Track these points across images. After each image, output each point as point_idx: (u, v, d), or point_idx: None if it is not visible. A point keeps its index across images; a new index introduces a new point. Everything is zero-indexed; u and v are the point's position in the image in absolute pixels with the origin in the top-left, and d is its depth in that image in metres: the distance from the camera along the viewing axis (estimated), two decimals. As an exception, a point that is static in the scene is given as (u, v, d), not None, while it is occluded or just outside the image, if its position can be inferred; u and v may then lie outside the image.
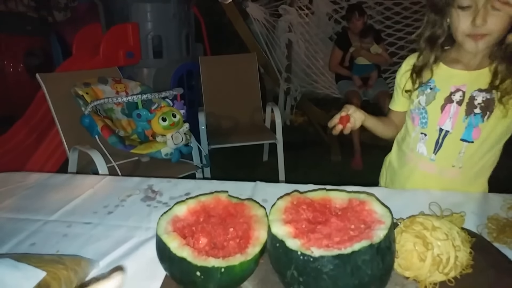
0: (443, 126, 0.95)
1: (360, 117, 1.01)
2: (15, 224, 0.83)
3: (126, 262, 0.69)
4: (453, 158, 0.95)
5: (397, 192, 0.93)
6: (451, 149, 0.95)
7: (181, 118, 1.80)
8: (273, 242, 0.57)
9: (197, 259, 0.55)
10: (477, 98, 0.89)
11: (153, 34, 3.01)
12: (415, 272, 0.59)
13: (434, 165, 0.98)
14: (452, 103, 0.93)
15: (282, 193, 0.69)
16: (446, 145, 0.95)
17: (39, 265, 0.56)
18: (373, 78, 3.14)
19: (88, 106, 1.74)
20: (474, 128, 0.91)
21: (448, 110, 0.94)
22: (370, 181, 0.96)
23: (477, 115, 0.90)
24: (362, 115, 1.02)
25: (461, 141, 0.93)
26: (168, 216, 0.64)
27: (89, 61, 2.85)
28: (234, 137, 2.64)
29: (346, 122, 0.99)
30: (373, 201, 0.62)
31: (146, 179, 1.04)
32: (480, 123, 0.90)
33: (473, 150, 0.93)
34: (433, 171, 0.98)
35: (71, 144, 1.83)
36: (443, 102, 0.94)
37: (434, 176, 0.99)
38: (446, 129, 0.94)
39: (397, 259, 0.60)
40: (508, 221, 0.75)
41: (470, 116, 0.91)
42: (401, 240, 0.61)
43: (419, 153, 1.00)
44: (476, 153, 0.93)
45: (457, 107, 0.93)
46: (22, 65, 4.41)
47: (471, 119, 0.91)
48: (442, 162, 0.97)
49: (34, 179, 1.07)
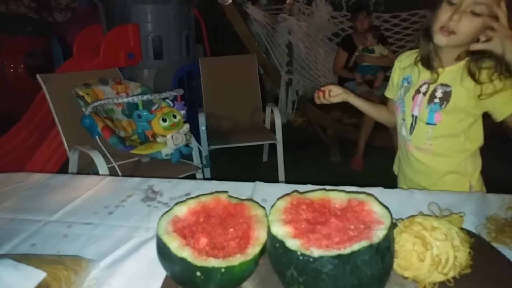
0: (413, 112, 1.12)
1: (337, 92, 1.19)
2: (16, 224, 0.83)
3: (126, 262, 0.69)
4: (423, 137, 1.11)
5: (396, 192, 0.93)
6: (420, 130, 1.11)
7: (181, 118, 1.80)
8: (273, 242, 0.57)
9: (197, 259, 0.55)
10: (437, 90, 1.06)
11: (153, 35, 3.02)
12: (414, 272, 0.59)
13: (411, 144, 1.15)
14: (419, 94, 1.10)
15: (282, 193, 0.69)
16: (417, 127, 1.12)
17: (40, 266, 0.56)
18: (379, 78, 3.11)
19: (89, 106, 1.75)
20: (435, 113, 1.07)
21: (416, 99, 1.11)
22: (369, 181, 0.96)
23: (436, 104, 1.06)
24: (342, 91, 1.20)
25: (426, 124, 1.09)
26: (169, 216, 0.64)
27: (90, 62, 2.86)
28: (234, 138, 2.64)
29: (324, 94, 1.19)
30: (372, 201, 0.62)
31: (146, 180, 1.05)
32: (439, 109, 1.06)
33: (437, 130, 1.08)
34: (412, 149, 1.16)
35: (71, 144, 1.83)
36: (414, 93, 1.12)
37: (414, 154, 1.15)
38: (415, 114, 1.12)
39: (396, 259, 0.60)
40: (507, 221, 0.76)
41: (431, 104, 1.07)
42: (400, 240, 0.61)
43: (402, 135, 1.18)
44: (440, 132, 1.08)
45: (422, 97, 1.09)
46: (23, 66, 4.42)
47: (432, 106, 1.07)
48: (416, 140, 1.13)
49: (35, 179, 1.07)
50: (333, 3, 3.77)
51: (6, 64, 4.39)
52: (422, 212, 0.76)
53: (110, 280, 0.64)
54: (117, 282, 0.64)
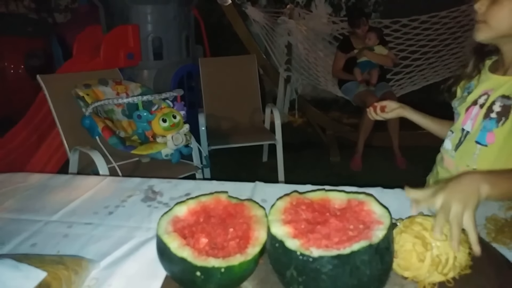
0: (465, 126, 0.98)
1: (392, 106, 1.13)
2: (16, 224, 0.83)
3: (126, 262, 0.69)
4: (468, 158, 0.96)
5: (396, 193, 0.93)
6: (467, 149, 0.97)
7: (181, 119, 1.80)
8: (273, 242, 0.57)
9: (197, 259, 0.55)
10: (496, 103, 0.90)
11: (153, 36, 3.02)
12: (414, 273, 0.59)
13: (453, 162, 1.01)
14: (475, 105, 0.95)
15: (282, 193, 0.69)
16: (465, 144, 0.97)
17: (40, 266, 0.57)
18: (374, 75, 3.07)
19: (89, 107, 1.75)
20: (488, 132, 0.91)
21: (470, 112, 0.96)
22: (369, 181, 0.96)
23: (492, 120, 0.90)
24: (397, 105, 1.13)
25: (476, 143, 0.94)
26: (169, 216, 0.64)
27: (90, 62, 2.86)
28: (233, 138, 2.64)
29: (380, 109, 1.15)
30: (372, 201, 0.62)
31: (146, 180, 1.05)
32: (494, 128, 0.90)
33: (486, 154, 0.93)
34: (452, 167, 1.01)
35: (71, 145, 1.84)
36: (469, 104, 0.97)
37: (452, 173, 1.00)
38: (467, 129, 0.97)
39: (396, 259, 0.60)
40: (507, 222, 0.76)
41: (487, 119, 0.92)
42: (400, 240, 0.61)
43: (445, 148, 1.04)
44: (490, 157, 0.93)
45: (478, 109, 0.94)
46: (23, 66, 4.42)
47: (487, 122, 0.91)
48: (459, 160, 0.99)
49: (35, 180, 1.07)
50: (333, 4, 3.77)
51: (6, 64, 4.38)
52: (422, 212, 0.76)
53: (110, 280, 0.64)
54: (117, 282, 0.64)
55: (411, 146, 3.04)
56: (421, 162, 1.41)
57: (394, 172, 2.88)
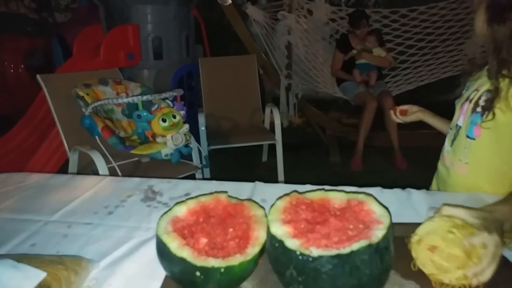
0: (458, 122, 1.00)
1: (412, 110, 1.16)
2: (16, 224, 0.83)
3: (126, 262, 0.69)
4: (460, 152, 0.99)
5: (395, 192, 0.93)
6: (460, 143, 0.99)
7: (181, 119, 1.80)
8: (272, 242, 0.57)
9: (197, 259, 0.55)
10: (482, 97, 0.93)
11: (153, 36, 3.02)
12: (443, 276, 0.58)
13: (448, 157, 1.04)
14: (467, 101, 0.98)
15: (281, 193, 0.69)
16: (458, 140, 1.00)
17: (40, 266, 0.57)
18: (373, 77, 3.11)
19: (89, 107, 1.75)
20: (475, 126, 0.94)
21: (463, 108, 0.99)
22: (369, 181, 0.96)
23: (477, 114, 0.93)
24: (418, 109, 1.17)
25: (466, 137, 0.96)
26: (168, 216, 0.64)
27: (90, 62, 2.86)
28: (233, 138, 2.64)
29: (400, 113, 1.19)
30: (371, 201, 0.62)
31: (146, 180, 1.05)
32: (479, 121, 0.92)
33: (475, 147, 0.95)
34: (448, 163, 1.04)
35: (71, 144, 1.83)
36: (464, 100, 1.00)
37: (449, 169, 1.04)
38: (460, 124, 1.00)
39: (432, 253, 0.59)
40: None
41: (473, 114, 0.94)
42: (449, 243, 0.59)
43: (444, 145, 1.07)
44: (478, 150, 0.95)
45: (468, 104, 0.97)
46: (23, 66, 4.42)
47: (473, 117, 0.94)
48: (453, 155, 1.02)
49: (35, 179, 1.07)
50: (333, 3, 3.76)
51: (6, 64, 4.39)
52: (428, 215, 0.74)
53: (110, 280, 0.64)
54: (117, 282, 0.64)
55: (411, 146, 3.04)
56: (421, 162, 1.41)
57: (394, 172, 2.89)
